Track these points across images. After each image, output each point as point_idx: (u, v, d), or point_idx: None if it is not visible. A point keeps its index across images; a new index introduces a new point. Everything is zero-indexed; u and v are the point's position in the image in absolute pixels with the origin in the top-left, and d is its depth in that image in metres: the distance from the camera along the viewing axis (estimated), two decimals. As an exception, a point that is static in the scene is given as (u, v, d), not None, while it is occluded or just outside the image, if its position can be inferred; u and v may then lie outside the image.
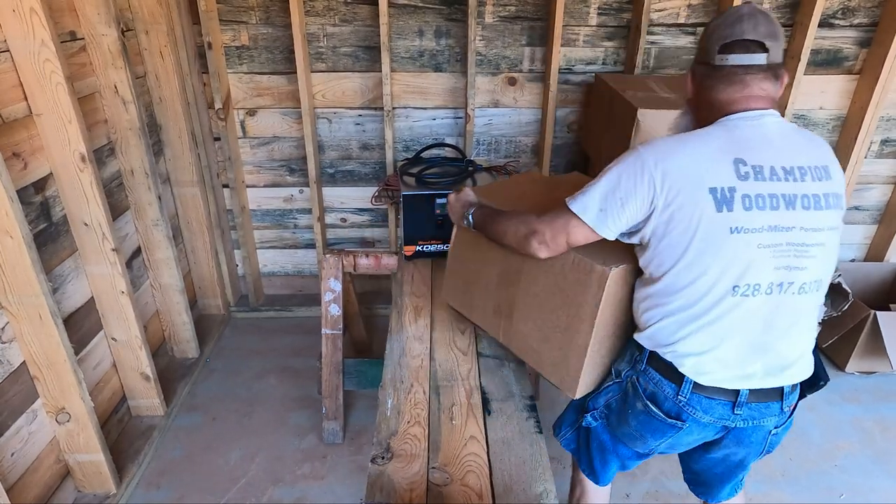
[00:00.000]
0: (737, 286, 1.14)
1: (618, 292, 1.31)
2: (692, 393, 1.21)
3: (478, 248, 1.58)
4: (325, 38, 2.50)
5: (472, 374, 1.52)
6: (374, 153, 2.75)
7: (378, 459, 1.25)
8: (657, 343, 1.24)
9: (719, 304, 1.15)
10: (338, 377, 2.15)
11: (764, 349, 1.19)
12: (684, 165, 1.13)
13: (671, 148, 1.16)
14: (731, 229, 1.11)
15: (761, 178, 1.12)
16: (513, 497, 1.18)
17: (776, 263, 1.13)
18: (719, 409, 1.21)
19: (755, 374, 1.20)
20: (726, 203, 1.11)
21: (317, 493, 2.02)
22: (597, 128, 2.48)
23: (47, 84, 1.60)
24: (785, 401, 1.23)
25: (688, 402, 1.22)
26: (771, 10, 2.49)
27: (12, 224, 1.45)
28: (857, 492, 2.06)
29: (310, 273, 3.05)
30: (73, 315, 1.87)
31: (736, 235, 1.11)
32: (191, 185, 2.51)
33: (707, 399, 1.21)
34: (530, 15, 2.49)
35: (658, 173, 1.13)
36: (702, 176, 1.12)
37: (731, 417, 1.22)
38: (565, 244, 1.28)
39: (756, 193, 1.11)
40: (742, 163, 1.12)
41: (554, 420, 1.56)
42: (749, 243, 1.12)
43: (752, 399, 1.21)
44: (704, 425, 1.24)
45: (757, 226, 1.11)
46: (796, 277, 1.15)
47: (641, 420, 1.29)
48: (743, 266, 1.13)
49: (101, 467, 1.85)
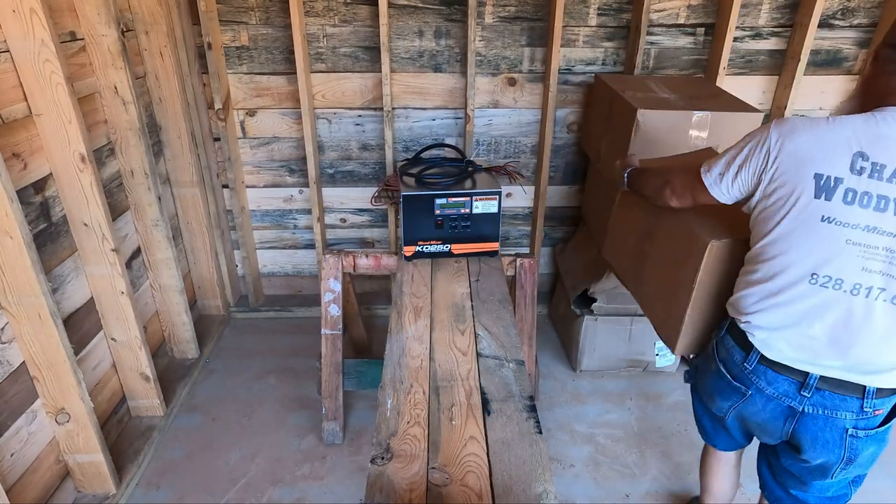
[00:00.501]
0: (815, 274, 1.16)
1: (720, 265, 1.37)
2: (758, 364, 1.27)
3: (629, 210, 1.80)
4: (324, 39, 2.50)
5: (471, 374, 1.52)
6: (373, 153, 2.75)
7: (378, 460, 1.24)
8: (737, 311, 1.30)
9: (795, 287, 1.19)
10: (337, 377, 2.15)
11: (847, 350, 1.18)
12: (802, 147, 1.15)
13: (798, 129, 1.17)
14: (822, 217, 1.13)
15: (877, 177, 1.10)
16: (512, 497, 1.18)
17: (865, 265, 1.12)
18: (785, 384, 1.25)
19: (833, 368, 1.20)
20: (826, 192, 1.12)
21: (316, 494, 2.01)
22: (596, 128, 2.48)
23: (47, 84, 1.60)
24: (867, 399, 1.20)
25: (753, 371, 1.28)
26: (770, 10, 2.49)
27: (12, 224, 1.45)
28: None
29: (309, 273, 3.05)
30: (73, 315, 1.87)
31: (826, 225, 1.13)
32: (190, 185, 2.51)
33: (773, 373, 1.25)
34: (530, 15, 2.49)
35: (775, 150, 1.18)
36: (813, 160, 1.14)
37: (798, 398, 1.24)
38: (692, 199, 1.38)
39: (864, 190, 1.10)
40: (863, 157, 1.11)
41: (552, 420, 1.59)
42: (837, 236, 1.13)
43: (823, 385, 1.21)
44: (768, 398, 1.28)
45: (853, 221, 1.12)
46: (891, 285, 1.13)
47: (714, 380, 1.38)
48: (825, 256, 1.14)
49: (100, 468, 1.85)
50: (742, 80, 2.62)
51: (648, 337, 2.52)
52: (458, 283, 1.94)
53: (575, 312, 2.54)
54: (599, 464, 2.16)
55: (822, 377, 1.21)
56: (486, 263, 2.06)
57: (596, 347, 2.55)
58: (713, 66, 2.52)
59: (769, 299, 1.23)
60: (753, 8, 2.49)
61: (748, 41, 2.56)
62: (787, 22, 2.52)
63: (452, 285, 1.92)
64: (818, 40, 2.53)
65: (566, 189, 2.88)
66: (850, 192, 1.11)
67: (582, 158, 2.80)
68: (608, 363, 2.60)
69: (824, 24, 2.50)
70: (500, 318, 1.74)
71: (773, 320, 1.23)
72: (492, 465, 1.25)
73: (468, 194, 2.00)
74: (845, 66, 2.62)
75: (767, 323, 1.24)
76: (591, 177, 2.71)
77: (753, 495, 2.04)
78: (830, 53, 2.59)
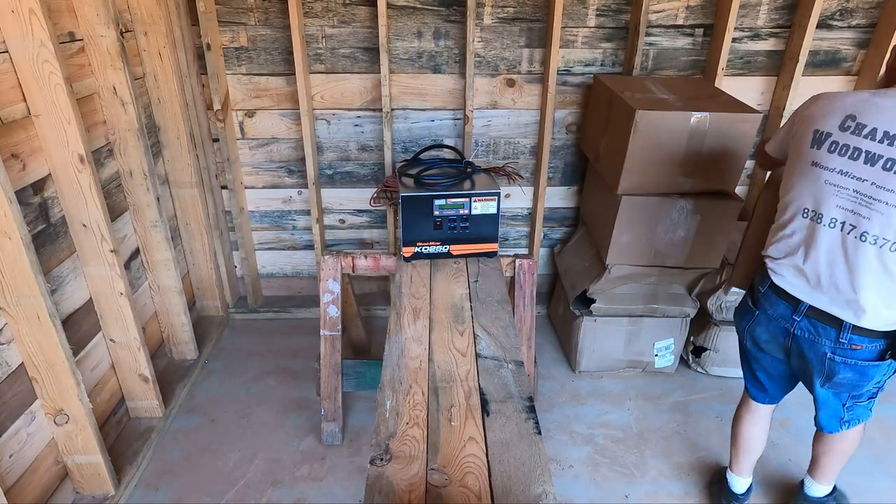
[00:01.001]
0: (806, 209, 1.46)
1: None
2: (768, 289, 1.58)
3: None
4: (323, 40, 2.50)
5: (470, 375, 1.52)
6: (372, 154, 2.75)
7: (377, 461, 1.24)
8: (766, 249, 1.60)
9: (794, 221, 1.49)
10: (336, 378, 2.15)
11: (830, 281, 1.44)
12: (812, 113, 1.48)
13: (815, 101, 1.50)
14: (812, 162, 1.44)
15: (857, 134, 1.37)
16: (512, 498, 1.18)
17: (839, 202, 1.39)
18: (782, 308, 1.55)
19: (821, 299, 1.47)
20: (818, 143, 1.43)
21: (316, 495, 2.01)
22: (595, 129, 2.49)
23: (46, 85, 1.60)
24: (843, 333, 1.46)
25: (763, 294, 1.60)
26: (769, 11, 2.49)
27: (11, 225, 1.45)
28: (856, 492, 2.06)
29: (308, 274, 3.05)
30: (72, 316, 1.87)
31: (814, 168, 1.43)
32: (189, 186, 2.51)
33: (776, 297, 1.56)
34: (529, 16, 2.49)
35: (797, 117, 1.54)
36: (816, 121, 1.45)
37: (790, 321, 1.54)
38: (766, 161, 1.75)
39: (844, 143, 1.39)
40: (852, 119, 1.39)
41: (551, 421, 1.59)
42: (820, 177, 1.42)
43: (811, 314, 1.50)
44: (770, 318, 1.59)
45: (831, 166, 1.40)
46: (859, 223, 1.37)
47: (740, 306, 1.74)
48: (812, 194, 1.44)
49: (99, 469, 1.85)
50: (741, 80, 2.63)
51: (648, 338, 2.52)
52: (457, 283, 1.94)
53: (574, 313, 2.54)
54: (599, 464, 2.16)
55: (811, 307, 1.49)
56: (485, 264, 2.06)
57: (595, 348, 2.55)
58: (712, 66, 2.52)
59: (779, 232, 1.54)
60: (752, 9, 2.50)
61: (747, 42, 2.57)
62: (786, 23, 2.52)
63: (451, 286, 1.92)
64: (817, 41, 2.53)
65: (565, 190, 2.88)
66: (834, 144, 1.40)
67: (581, 159, 2.80)
68: (607, 364, 2.60)
69: (823, 24, 2.51)
70: (499, 319, 1.74)
71: (779, 249, 1.54)
72: (491, 466, 1.25)
73: (467, 195, 2.00)
74: (844, 67, 2.62)
75: (776, 252, 1.55)
76: (590, 178, 2.71)
77: (752, 495, 2.04)
78: (829, 54, 2.60)
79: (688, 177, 2.18)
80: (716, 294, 2.47)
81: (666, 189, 2.21)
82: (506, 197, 2.87)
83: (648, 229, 2.28)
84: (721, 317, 2.50)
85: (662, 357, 2.56)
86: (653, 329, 2.51)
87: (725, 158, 2.15)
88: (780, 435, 2.29)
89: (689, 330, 2.56)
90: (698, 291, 2.50)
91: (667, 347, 2.54)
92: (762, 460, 2.01)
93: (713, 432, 2.32)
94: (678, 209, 2.23)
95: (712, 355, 2.57)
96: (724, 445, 2.24)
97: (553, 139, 2.73)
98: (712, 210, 2.23)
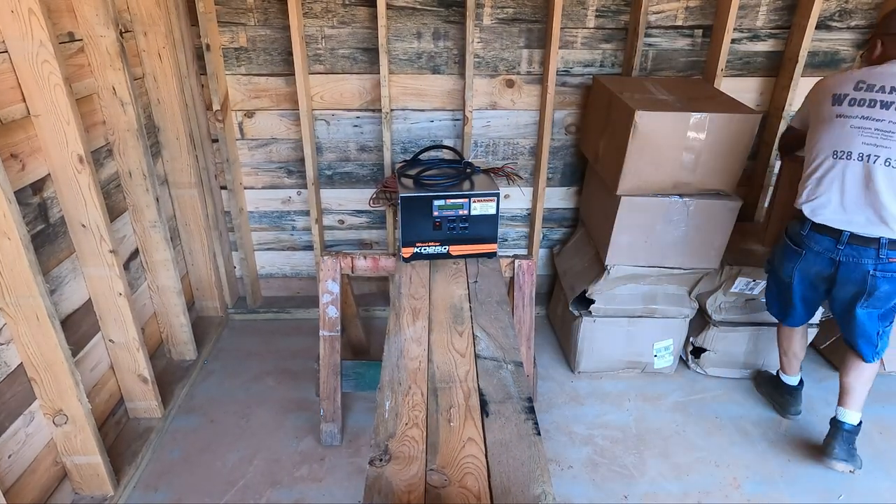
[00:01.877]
0: (836, 150, 1.84)
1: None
2: (810, 230, 1.94)
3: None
4: (323, 40, 2.51)
5: (470, 375, 1.52)
6: (372, 155, 2.75)
7: (376, 461, 1.24)
8: (799, 199, 1.94)
9: (824, 164, 1.87)
10: (336, 379, 2.15)
11: (865, 204, 1.81)
12: (827, 84, 1.95)
13: (826, 78, 1.98)
14: (836, 115, 1.86)
15: (871, 91, 1.82)
16: (511, 499, 1.18)
17: (864, 140, 1.80)
18: (826, 242, 1.91)
19: (858, 223, 1.84)
20: (839, 101, 1.87)
21: (315, 496, 2.01)
22: (595, 130, 2.49)
23: (45, 85, 1.60)
24: (881, 249, 1.83)
25: (807, 235, 1.95)
26: (768, 12, 2.50)
27: (10, 225, 1.45)
28: (855, 492, 2.06)
29: (308, 275, 3.05)
30: (71, 317, 1.87)
31: (839, 119, 1.85)
32: (189, 186, 2.51)
33: (819, 235, 1.92)
34: (528, 17, 2.49)
35: (813, 93, 2.01)
36: (832, 88, 1.91)
37: (835, 251, 1.89)
38: (784, 143, 2.26)
39: (861, 97, 1.83)
40: (863, 82, 1.85)
41: (551, 422, 1.60)
42: (845, 124, 1.84)
43: (852, 241, 1.86)
44: (817, 254, 1.94)
45: (854, 115, 1.83)
46: (880, 153, 1.78)
47: (783, 250, 2.07)
48: (839, 138, 1.84)
49: (98, 469, 1.85)
50: (740, 81, 2.63)
51: (647, 338, 2.52)
52: (456, 284, 1.94)
53: (573, 313, 2.54)
54: (598, 465, 2.16)
55: (852, 234, 1.85)
56: (484, 265, 2.06)
57: (594, 349, 2.55)
58: (711, 67, 2.53)
59: (811, 177, 1.90)
60: (751, 10, 2.50)
61: (746, 43, 2.57)
62: (785, 24, 2.53)
63: (451, 287, 1.92)
64: (816, 42, 2.53)
65: (564, 190, 2.88)
66: (853, 99, 1.84)
67: (580, 160, 2.80)
68: (606, 364, 2.60)
69: (822, 25, 2.51)
70: (498, 320, 1.74)
71: (816, 192, 1.89)
72: (490, 467, 1.25)
73: (466, 196, 2.00)
74: (843, 68, 2.62)
75: (814, 195, 1.89)
76: (589, 178, 2.71)
77: (752, 495, 2.04)
78: (828, 55, 2.60)
79: (687, 177, 2.18)
80: (715, 295, 2.47)
81: (665, 190, 2.21)
82: (505, 197, 2.87)
83: (648, 230, 2.28)
84: (720, 317, 2.50)
85: (661, 358, 2.56)
86: (652, 329, 2.51)
87: (724, 159, 2.15)
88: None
89: (689, 330, 2.56)
90: (697, 292, 2.50)
91: (666, 348, 2.55)
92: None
93: (712, 433, 2.32)
94: (677, 210, 2.23)
95: (711, 356, 2.57)
96: (725, 445, 2.25)
97: (552, 140, 2.73)
98: (711, 210, 2.24)
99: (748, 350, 2.55)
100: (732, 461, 2.19)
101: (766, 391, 2.50)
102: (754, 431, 2.33)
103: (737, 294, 2.46)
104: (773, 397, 2.46)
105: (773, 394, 2.45)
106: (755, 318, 2.50)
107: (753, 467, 2.17)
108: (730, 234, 2.30)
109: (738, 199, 2.25)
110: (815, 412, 2.42)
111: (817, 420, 2.38)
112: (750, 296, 2.46)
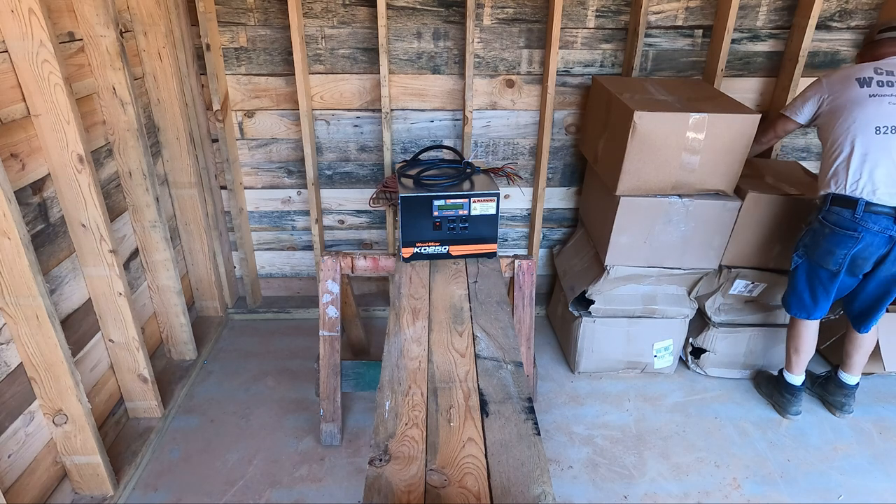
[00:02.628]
0: (878, 127, 1.93)
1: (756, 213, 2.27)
2: (864, 212, 1.95)
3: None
4: (323, 40, 2.51)
5: (469, 375, 1.52)
6: (372, 155, 2.75)
7: (376, 461, 1.24)
8: (838, 185, 1.99)
9: (868, 142, 1.94)
10: (336, 379, 2.15)
11: None
12: (844, 73, 2.06)
13: (838, 70, 2.12)
14: (868, 95, 1.97)
15: (891, 75, 1.98)
16: (510, 499, 1.18)
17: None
18: (883, 220, 1.94)
19: None
20: (867, 83, 1.99)
21: (314, 496, 2.01)
22: (594, 130, 2.49)
23: (45, 85, 1.60)
24: None
25: (861, 218, 1.95)
26: (768, 12, 2.50)
27: (10, 225, 1.45)
28: (855, 493, 2.06)
29: (307, 275, 3.05)
30: (71, 316, 1.87)
31: (873, 99, 1.96)
32: (189, 186, 2.51)
33: (875, 215, 1.94)
34: (528, 17, 2.49)
35: (827, 85, 2.09)
36: (853, 74, 2.03)
37: (894, 228, 1.93)
38: (778, 129, 2.29)
39: (886, 80, 1.97)
40: (878, 69, 2.01)
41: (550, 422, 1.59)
42: (882, 101, 1.95)
43: None
44: (875, 234, 1.96)
45: (887, 93, 1.95)
46: None
47: (829, 239, 2.04)
48: (878, 116, 1.94)
49: (98, 469, 1.84)
50: (740, 81, 2.63)
51: (647, 338, 2.52)
52: (456, 284, 1.94)
53: (573, 314, 2.54)
54: (598, 465, 2.16)
55: None
56: (484, 265, 2.06)
57: (594, 349, 2.55)
58: (711, 67, 2.53)
59: (852, 160, 1.96)
60: (751, 10, 2.50)
61: (746, 43, 2.57)
62: (785, 24, 2.53)
63: (451, 287, 1.92)
64: (816, 42, 2.53)
65: (564, 191, 2.88)
66: (879, 82, 1.97)
67: (580, 160, 2.80)
68: (606, 364, 2.61)
69: (822, 25, 2.51)
70: (498, 320, 1.74)
71: (863, 171, 1.94)
72: (490, 467, 1.25)
73: (466, 196, 2.00)
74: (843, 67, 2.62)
75: (861, 175, 1.94)
76: (589, 178, 2.71)
77: (752, 496, 2.04)
78: (828, 55, 2.60)
79: (686, 178, 2.18)
80: (714, 297, 2.47)
81: (664, 190, 2.21)
82: (505, 198, 2.87)
83: (647, 230, 2.28)
84: (719, 319, 2.50)
85: (661, 358, 2.56)
86: (652, 330, 2.51)
87: (724, 159, 2.15)
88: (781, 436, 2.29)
89: (688, 331, 2.56)
90: (697, 294, 2.50)
91: (666, 348, 2.55)
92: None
93: (712, 433, 2.32)
94: (677, 210, 2.23)
95: (711, 356, 2.57)
96: (725, 446, 2.25)
97: (552, 140, 2.73)
98: (711, 211, 2.24)
99: (748, 350, 2.55)
100: (732, 461, 2.19)
101: (766, 391, 2.50)
102: (754, 431, 2.33)
103: (735, 296, 2.46)
104: (773, 397, 2.46)
105: (774, 394, 2.45)
106: (755, 320, 2.51)
107: (753, 467, 2.17)
108: (729, 234, 2.30)
109: (738, 199, 2.25)
110: (814, 412, 2.42)
111: (817, 420, 2.38)
112: (749, 297, 2.46)
